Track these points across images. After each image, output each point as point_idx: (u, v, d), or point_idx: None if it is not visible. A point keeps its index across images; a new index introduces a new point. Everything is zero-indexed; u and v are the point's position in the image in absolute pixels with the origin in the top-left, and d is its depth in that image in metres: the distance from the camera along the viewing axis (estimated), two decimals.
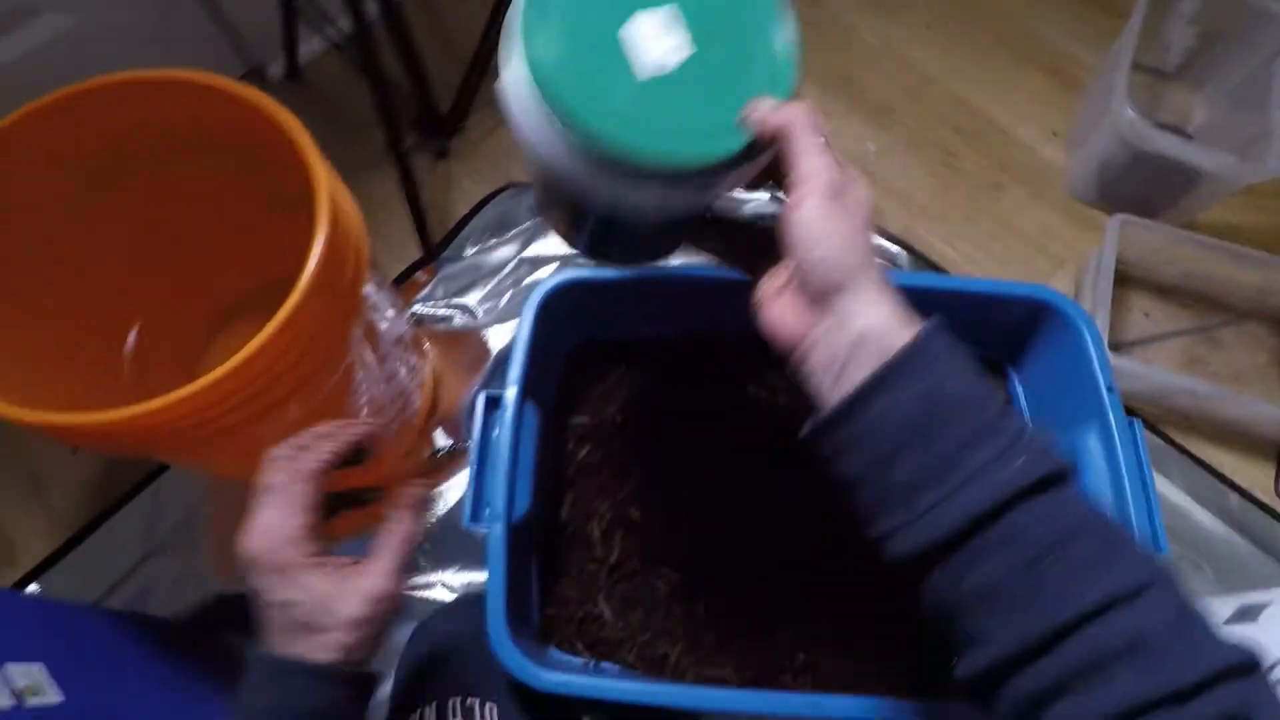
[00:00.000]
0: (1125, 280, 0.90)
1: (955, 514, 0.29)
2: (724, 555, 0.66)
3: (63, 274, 0.61)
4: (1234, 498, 0.80)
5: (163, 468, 0.81)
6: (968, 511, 0.29)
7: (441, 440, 0.83)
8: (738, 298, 0.69)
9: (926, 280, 0.65)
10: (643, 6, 0.35)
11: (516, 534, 0.60)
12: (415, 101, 0.92)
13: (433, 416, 0.84)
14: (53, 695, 0.48)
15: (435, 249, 0.87)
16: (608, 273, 0.67)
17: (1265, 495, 0.80)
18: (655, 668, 0.62)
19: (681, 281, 0.69)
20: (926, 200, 0.99)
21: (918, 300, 0.71)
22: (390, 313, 0.75)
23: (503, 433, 0.60)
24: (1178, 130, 1.02)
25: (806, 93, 1.03)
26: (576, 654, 0.62)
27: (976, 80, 1.08)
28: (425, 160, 0.97)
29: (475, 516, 0.59)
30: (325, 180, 0.51)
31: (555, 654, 0.61)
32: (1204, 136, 1.00)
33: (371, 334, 0.66)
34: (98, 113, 0.55)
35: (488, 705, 0.52)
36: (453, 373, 0.85)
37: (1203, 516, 0.79)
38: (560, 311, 0.67)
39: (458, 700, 0.51)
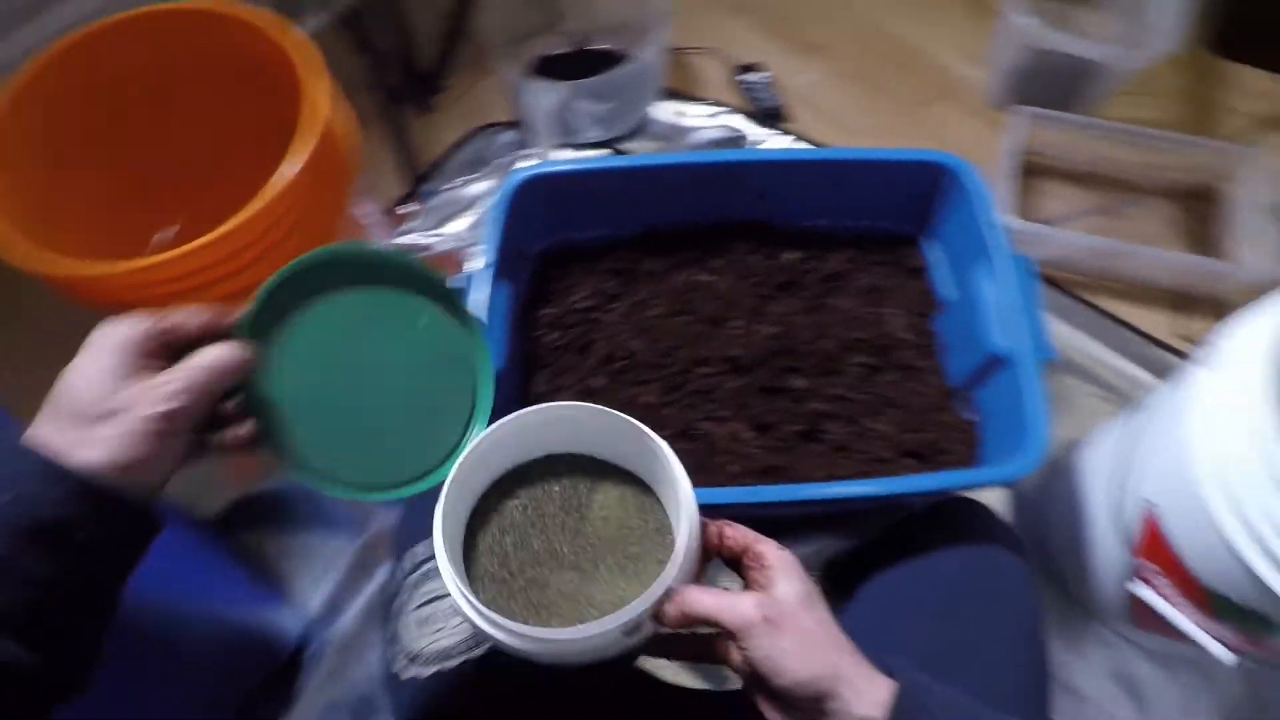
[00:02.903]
0: (1042, 170, 1.00)
1: None
2: (676, 408, 0.76)
3: (100, 169, 0.72)
4: (1142, 343, 0.89)
5: None
6: None
7: None
8: (706, 186, 0.79)
9: (836, 154, 0.75)
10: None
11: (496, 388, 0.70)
12: (402, 64, 1.04)
13: None
14: None
15: (419, 182, 0.99)
16: (574, 164, 0.78)
17: (1167, 338, 0.89)
18: None
19: (645, 170, 0.78)
20: (861, 120, 1.09)
21: (828, 172, 0.82)
22: (380, 235, 0.86)
23: (480, 299, 0.70)
24: None
25: (747, 37, 1.18)
26: None
27: (902, 14, 1.19)
28: (411, 116, 1.09)
29: None
30: (316, 74, 0.62)
31: None
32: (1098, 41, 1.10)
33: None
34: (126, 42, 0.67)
35: None
36: None
37: (1118, 362, 0.88)
38: (531, 202, 0.77)
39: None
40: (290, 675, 0.77)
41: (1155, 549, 0.59)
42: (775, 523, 0.82)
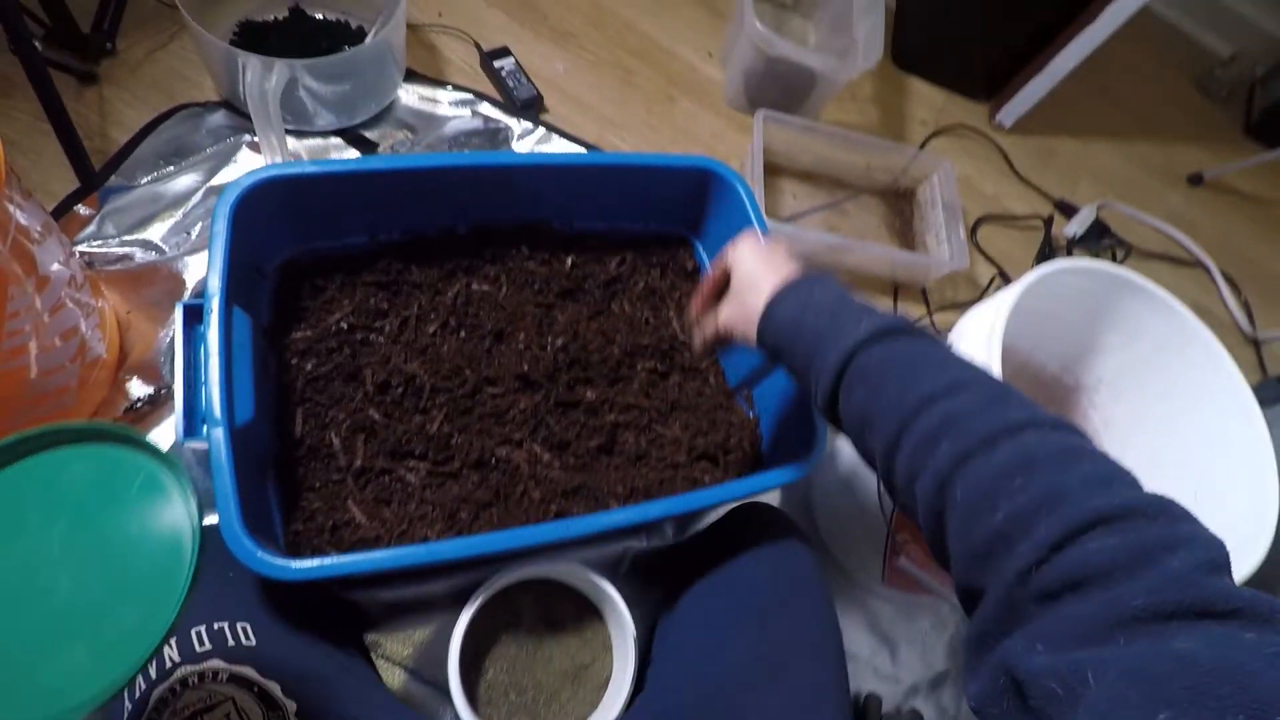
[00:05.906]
0: (776, 169, 1.08)
1: (829, 369, 0.45)
2: (468, 435, 0.70)
3: None
4: None
5: None
6: (834, 365, 0.44)
7: (139, 390, 0.75)
8: (476, 189, 0.72)
9: (611, 158, 0.74)
10: None
11: (241, 445, 0.57)
12: (50, 21, 0.80)
13: (124, 366, 0.75)
14: None
15: (96, 178, 0.77)
16: (309, 167, 0.66)
17: None
18: None
19: (398, 175, 0.69)
20: (613, 112, 1.09)
21: (607, 177, 0.80)
22: (58, 251, 0.67)
23: (209, 337, 0.57)
24: None
25: (495, 19, 1.10)
26: None
27: (642, 8, 1.21)
28: (69, 87, 0.85)
29: (190, 431, 0.55)
30: None
31: None
32: (815, 50, 1.22)
33: (28, 264, 0.59)
34: None
35: (239, 625, 0.50)
36: (143, 314, 0.77)
37: None
38: (261, 214, 0.65)
39: (202, 628, 0.48)
40: None
41: (910, 521, 0.68)
42: (580, 539, 0.81)
